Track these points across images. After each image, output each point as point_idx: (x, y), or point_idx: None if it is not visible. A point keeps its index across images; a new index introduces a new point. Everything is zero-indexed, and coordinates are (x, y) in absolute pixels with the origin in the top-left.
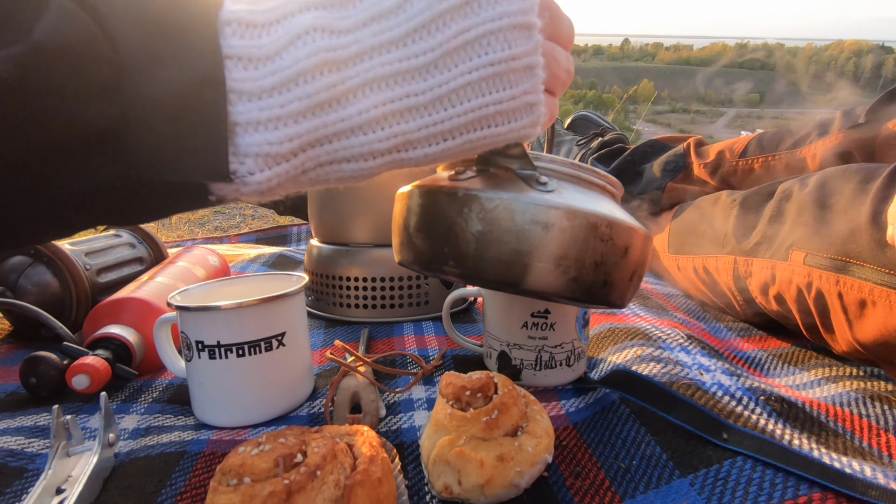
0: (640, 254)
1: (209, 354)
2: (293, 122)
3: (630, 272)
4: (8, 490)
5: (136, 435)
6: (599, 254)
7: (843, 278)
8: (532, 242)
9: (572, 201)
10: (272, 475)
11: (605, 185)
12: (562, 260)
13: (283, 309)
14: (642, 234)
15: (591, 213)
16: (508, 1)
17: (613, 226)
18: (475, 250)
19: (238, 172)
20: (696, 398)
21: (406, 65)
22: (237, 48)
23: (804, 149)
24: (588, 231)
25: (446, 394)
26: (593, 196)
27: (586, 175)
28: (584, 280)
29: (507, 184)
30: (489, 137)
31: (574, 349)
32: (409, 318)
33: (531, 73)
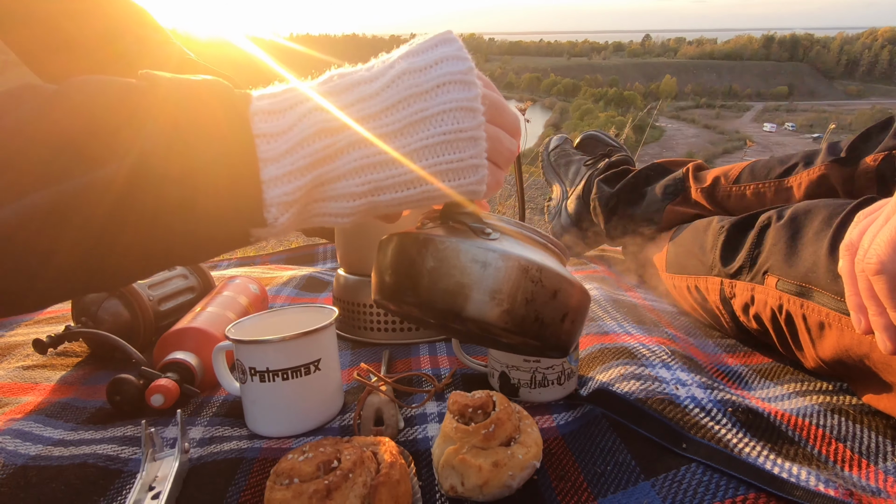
0: (571, 300)
1: (260, 378)
2: (301, 175)
3: (561, 314)
4: (112, 487)
5: (203, 444)
6: (530, 292)
7: (807, 302)
8: (472, 277)
9: (509, 248)
10: (315, 476)
11: (545, 243)
12: (496, 293)
13: (318, 340)
14: (576, 285)
15: (523, 257)
16: (458, 91)
17: (543, 270)
18: (427, 282)
19: (269, 219)
20: (666, 412)
21: (379, 132)
22: (263, 129)
23: (791, 178)
24: (519, 271)
25: (453, 410)
26: (531, 248)
27: (529, 233)
28: (516, 313)
29: (459, 233)
30: (438, 193)
31: (564, 370)
32: (425, 340)
33: (475, 142)
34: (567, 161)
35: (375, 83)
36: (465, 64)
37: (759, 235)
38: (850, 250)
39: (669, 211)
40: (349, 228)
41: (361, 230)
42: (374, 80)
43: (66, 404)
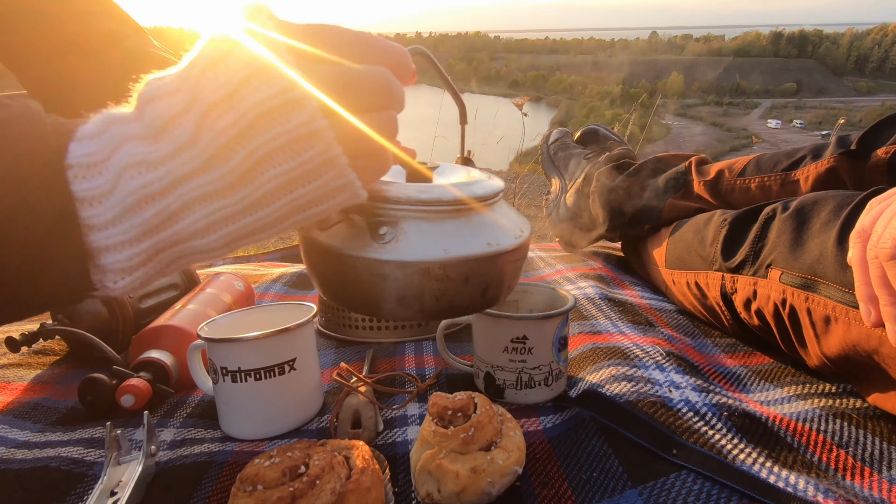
0: (490, 272)
1: (232, 378)
2: (137, 242)
3: (480, 290)
4: (73, 492)
5: (174, 446)
6: (437, 290)
7: (812, 296)
8: (374, 289)
9: (406, 249)
10: (280, 483)
11: (458, 208)
12: (403, 300)
13: (293, 339)
14: (492, 255)
15: (422, 261)
16: (283, 122)
17: (447, 265)
18: (339, 290)
19: (103, 282)
20: (657, 415)
21: (212, 187)
22: (81, 192)
23: (798, 171)
24: (420, 276)
25: (432, 412)
26: (437, 233)
27: (438, 208)
28: (429, 309)
29: (356, 238)
30: (312, 215)
31: (552, 370)
32: (411, 339)
33: (332, 164)
34: (567, 154)
35: (186, 123)
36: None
37: (763, 228)
38: (862, 237)
39: (670, 205)
40: None
41: None
42: (184, 116)
43: (37, 404)
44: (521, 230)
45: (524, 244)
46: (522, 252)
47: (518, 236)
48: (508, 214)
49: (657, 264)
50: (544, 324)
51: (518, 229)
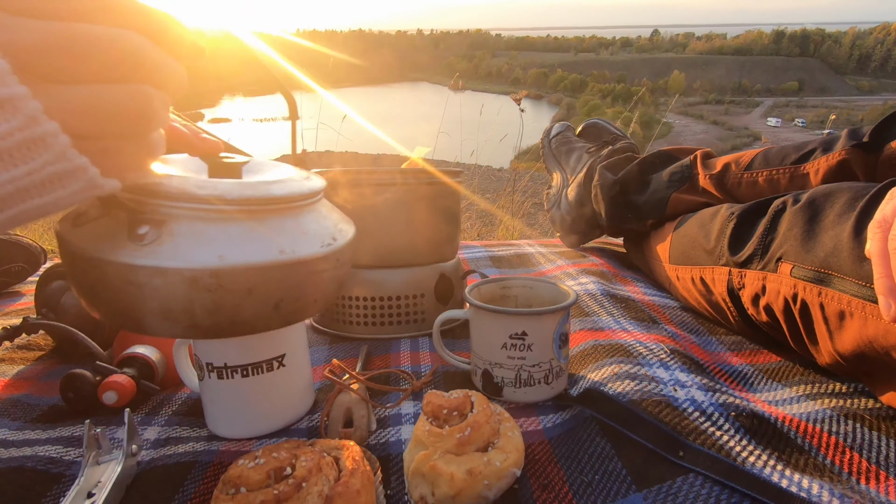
0: (285, 283)
1: (217, 375)
2: None
3: (271, 304)
4: (48, 494)
5: (157, 445)
6: (210, 303)
7: (825, 290)
8: (131, 301)
9: (165, 256)
10: (265, 486)
11: (253, 207)
12: (168, 314)
13: (283, 334)
14: (279, 264)
15: (185, 268)
16: None
17: (221, 274)
18: (92, 301)
19: None
20: (662, 415)
21: None
22: None
23: (808, 164)
24: (185, 286)
25: (426, 411)
26: (214, 236)
27: (219, 206)
28: (205, 325)
29: (113, 236)
30: (35, 209)
31: (552, 368)
32: (407, 335)
33: (43, 144)
34: (569, 148)
35: None
36: None
37: (773, 221)
38: (883, 227)
39: (675, 199)
40: None
41: None
42: None
43: (18, 401)
44: (333, 238)
45: (334, 253)
46: (331, 262)
47: (327, 244)
48: (321, 220)
49: (660, 260)
50: (544, 319)
51: (330, 237)
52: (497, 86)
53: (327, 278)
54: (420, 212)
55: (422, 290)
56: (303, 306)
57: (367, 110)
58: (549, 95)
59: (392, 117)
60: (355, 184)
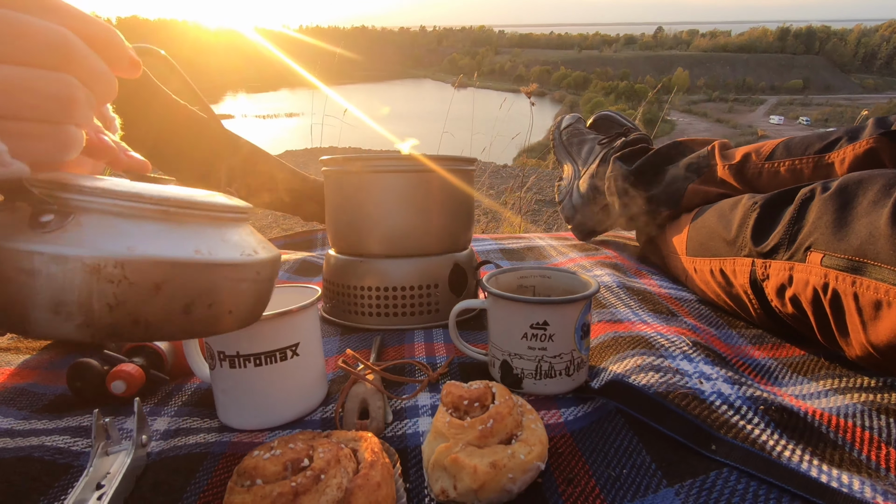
0: (197, 283)
1: (230, 364)
2: None
3: (180, 305)
4: (57, 484)
5: (167, 436)
6: (112, 296)
7: (860, 279)
8: (20, 293)
9: (68, 242)
10: (281, 478)
11: (174, 209)
12: (60, 307)
13: (296, 322)
14: (192, 263)
15: (89, 255)
16: None
17: (127, 264)
18: None
19: None
20: (690, 408)
21: None
22: None
23: (833, 153)
24: (85, 274)
25: (446, 403)
26: (127, 229)
27: (137, 204)
28: (102, 322)
29: (12, 224)
30: None
31: (573, 359)
32: (420, 326)
33: None
34: (580, 140)
35: None
36: None
37: (800, 209)
38: None
39: (692, 190)
40: (339, 207)
41: (353, 208)
42: None
43: (23, 390)
44: (254, 250)
45: (254, 264)
46: (251, 273)
47: (247, 254)
48: (244, 235)
49: (676, 252)
50: (566, 309)
51: (251, 249)
52: (500, 83)
53: (245, 290)
54: (434, 199)
55: (435, 280)
56: (215, 315)
57: (370, 107)
58: (552, 93)
59: (395, 114)
60: (366, 169)
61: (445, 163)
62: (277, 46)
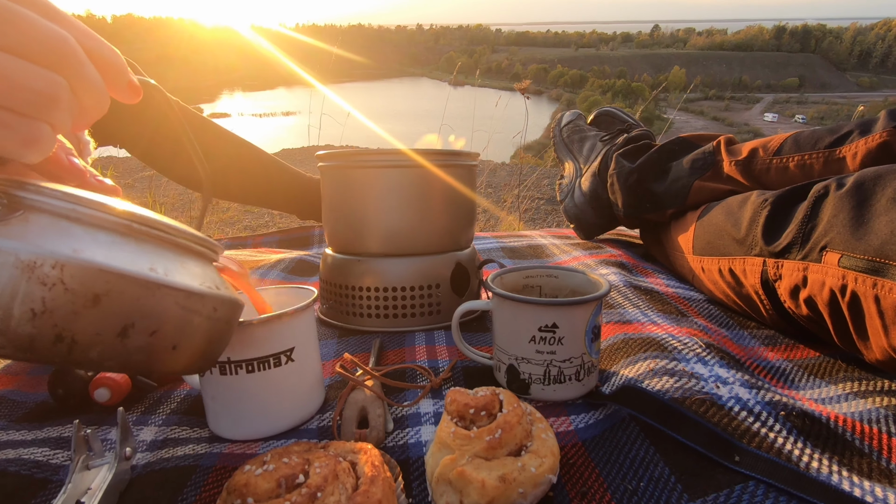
0: (140, 306)
1: (220, 370)
2: None
3: (118, 325)
4: (33, 501)
5: (154, 447)
6: (40, 301)
7: (882, 281)
8: None
9: (8, 234)
10: (275, 495)
11: (142, 227)
12: None
13: (291, 325)
14: (141, 280)
15: (26, 250)
16: None
17: (66, 267)
18: None
19: None
20: (709, 415)
21: None
22: None
23: (844, 148)
24: (17, 271)
25: (451, 411)
26: (77, 234)
27: (99, 214)
28: (13, 333)
29: None
30: None
31: (584, 363)
32: (422, 328)
33: None
34: (581, 137)
35: None
36: None
37: (814, 207)
38: None
39: (697, 187)
40: (336, 204)
41: (352, 205)
42: None
43: (2, 398)
44: (217, 286)
45: (213, 298)
46: (207, 307)
47: (207, 286)
48: (209, 271)
49: (682, 251)
50: (577, 310)
51: (214, 284)
52: (497, 81)
53: (197, 326)
54: (435, 196)
55: (437, 280)
56: (156, 347)
57: (368, 106)
58: (549, 91)
59: (393, 113)
60: (365, 165)
61: (447, 158)
62: (274, 45)
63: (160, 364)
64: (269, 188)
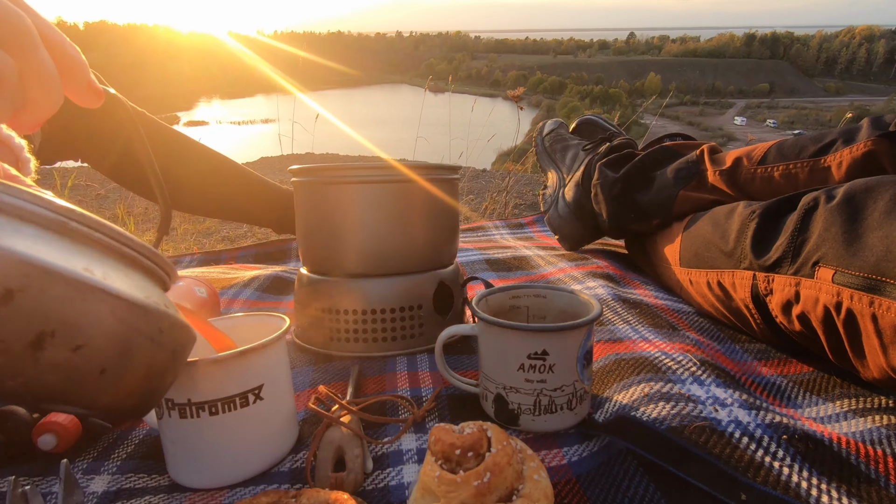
0: (64, 309)
1: (180, 413)
2: None
3: (34, 330)
4: None
5: (106, 499)
6: None
7: (879, 299)
8: None
9: None
10: None
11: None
12: None
13: (261, 360)
14: (69, 277)
15: None
16: None
17: None
18: None
19: None
20: (710, 445)
21: None
22: None
23: (828, 157)
24: None
25: (435, 451)
26: (9, 225)
27: (31, 206)
28: None
29: None
30: None
31: (576, 391)
32: (403, 352)
33: None
34: (564, 146)
35: None
36: None
37: (804, 219)
38: None
39: (682, 197)
40: (311, 221)
41: (327, 222)
42: None
43: None
44: (165, 305)
45: (158, 317)
46: (150, 325)
47: (154, 302)
48: (157, 290)
49: (669, 262)
50: (568, 336)
51: (162, 302)
52: (478, 87)
53: (136, 347)
54: (416, 212)
55: (418, 301)
56: (79, 365)
57: (346, 113)
58: (528, 97)
59: (372, 119)
60: (341, 180)
61: (427, 172)
62: (252, 52)
63: (80, 392)
64: (243, 201)
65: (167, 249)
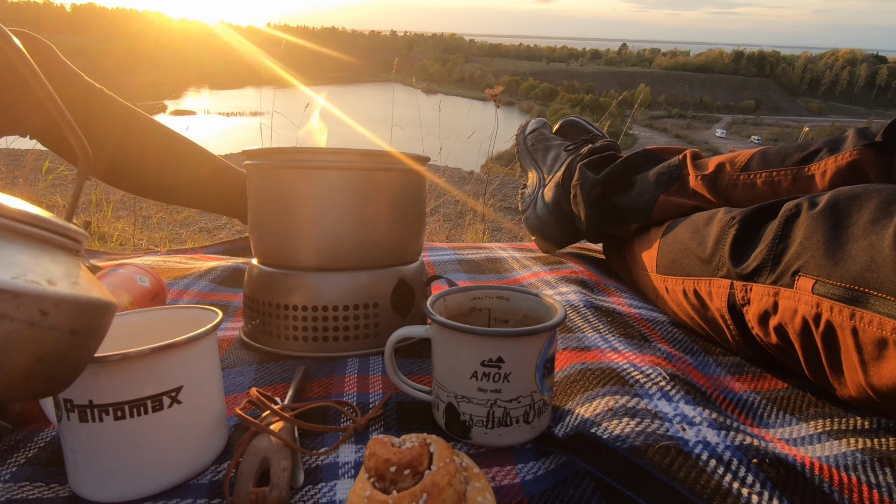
0: None
1: (80, 416)
2: None
3: None
4: None
5: None
6: None
7: (861, 312)
8: None
9: None
10: None
11: None
12: None
13: (181, 359)
14: None
15: None
16: None
17: None
18: None
19: None
20: (675, 468)
21: None
22: None
23: (813, 166)
24: None
25: (369, 467)
26: None
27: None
28: None
29: None
30: None
31: (534, 403)
32: (355, 353)
33: None
34: (546, 146)
35: None
36: None
37: (785, 227)
38: None
39: (663, 202)
40: (263, 208)
41: (280, 210)
42: None
43: None
44: (49, 281)
45: (33, 299)
46: (24, 309)
47: (29, 280)
48: (45, 262)
49: (646, 269)
50: (526, 342)
51: (45, 276)
52: (470, 90)
53: (6, 333)
54: (378, 202)
55: (375, 299)
56: None
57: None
58: (520, 102)
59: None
60: (297, 164)
61: (393, 160)
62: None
63: None
64: (202, 187)
65: (141, 240)
